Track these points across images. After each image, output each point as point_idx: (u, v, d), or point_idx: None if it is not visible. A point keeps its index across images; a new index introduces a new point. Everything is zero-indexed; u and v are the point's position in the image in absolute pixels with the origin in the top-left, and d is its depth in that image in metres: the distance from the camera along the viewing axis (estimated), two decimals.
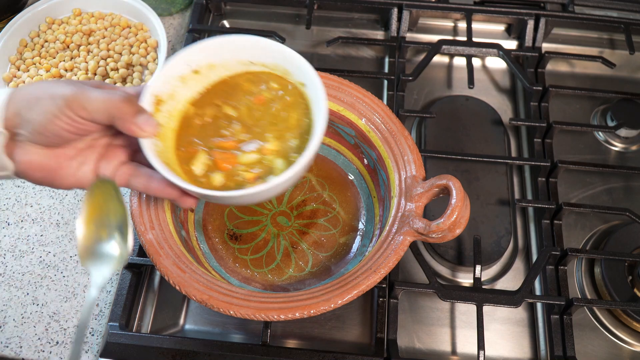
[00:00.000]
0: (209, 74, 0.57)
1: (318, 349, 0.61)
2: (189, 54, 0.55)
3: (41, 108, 0.45)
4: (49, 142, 0.47)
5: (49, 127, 0.46)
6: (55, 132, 0.46)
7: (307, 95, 0.55)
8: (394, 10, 0.86)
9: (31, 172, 0.48)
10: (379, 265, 0.54)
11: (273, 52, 0.55)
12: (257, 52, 0.56)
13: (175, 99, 0.55)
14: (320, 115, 0.52)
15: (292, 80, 0.56)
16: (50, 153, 0.48)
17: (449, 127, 0.79)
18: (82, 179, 0.50)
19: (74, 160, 0.50)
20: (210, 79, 0.57)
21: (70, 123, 0.46)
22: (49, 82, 0.47)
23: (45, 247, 0.70)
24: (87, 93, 0.46)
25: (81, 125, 0.47)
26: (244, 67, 0.57)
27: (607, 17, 0.87)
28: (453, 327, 0.67)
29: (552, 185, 0.74)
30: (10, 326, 0.65)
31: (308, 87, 0.55)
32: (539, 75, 0.83)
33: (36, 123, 0.45)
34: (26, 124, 0.46)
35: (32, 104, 0.45)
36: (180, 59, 0.54)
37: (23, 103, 0.46)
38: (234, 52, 0.56)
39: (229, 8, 0.91)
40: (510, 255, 0.72)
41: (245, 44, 0.56)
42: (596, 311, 0.68)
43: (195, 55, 0.55)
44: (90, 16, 0.86)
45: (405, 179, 0.60)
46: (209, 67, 0.56)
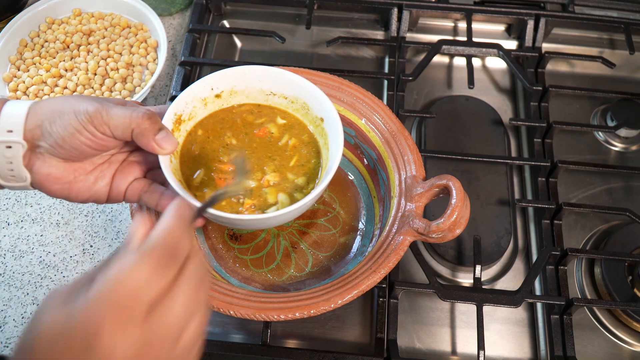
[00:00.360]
0: (230, 100, 0.59)
1: (318, 349, 0.61)
2: (214, 77, 0.57)
3: (64, 122, 0.46)
4: (68, 155, 0.48)
5: (70, 141, 0.46)
6: (75, 147, 0.47)
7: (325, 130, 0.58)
8: (394, 10, 0.86)
9: (48, 184, 0.48)
10: (379, 265, 0.54)
11: (295, 84, 0.58)
12: (280, 82, 0.58)
13: (193, 119, 0.58)
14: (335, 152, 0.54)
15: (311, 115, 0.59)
16: (69, 166, 0.49)
17: (449, 127, 0.79)
18: (98, 193, 0.51)
19: (91, 174, 0.51)
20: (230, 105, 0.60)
21: (91, 139, 0.47)
22: (73, 97, 0.48)
23: (45, 247, 0.70)
24: (110, 110, 0.47)
25: (102, 141, 0.48)
26: (264, 96, 0.60)
27: (607, 17, 0.87)
28: (453, 327, 0.67)
29: (552, 185, 0.74)
30: (10, 326, 0.65)
31: (326, 122, 0.58)
32: (539, 75, 0.83)
33: (58, 136, 0.46)
34: (48, 137, 0.46)
35: (55, 117, 0.46)
36: (206, 81, 0.57)
37: (46, 116, 0.46)
38: (257, 80, 0.59)
39: (229, 8, 0.91)
40: (510, 255, 0.72)
41: (269, 74, 0.58)
42: (596, 311, 0.68)
43: (220, 79, 0.57)
44: (90, 16, 0.86)
45: (405, 179, 0.60)
46: (231, 93, 0.59)
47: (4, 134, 0.46)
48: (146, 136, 0.48)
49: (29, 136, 0.47)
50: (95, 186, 0.51)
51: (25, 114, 0.46)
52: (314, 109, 0.58)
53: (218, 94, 0.58)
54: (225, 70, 0.57)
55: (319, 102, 0.57)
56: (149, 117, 0.48)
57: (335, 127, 0.55)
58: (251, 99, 0.60)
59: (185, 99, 0.56)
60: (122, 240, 0.70)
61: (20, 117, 0.46)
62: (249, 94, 0.60)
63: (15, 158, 0.46)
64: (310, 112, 0.59)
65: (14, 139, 0.46)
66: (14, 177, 0.47)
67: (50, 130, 0.46)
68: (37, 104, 0.48)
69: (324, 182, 0.53)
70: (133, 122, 0.47)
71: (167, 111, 0.54)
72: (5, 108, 0.47)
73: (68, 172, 0.49)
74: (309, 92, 0.58)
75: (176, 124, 0.55)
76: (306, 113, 0.60)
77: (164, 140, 0.49)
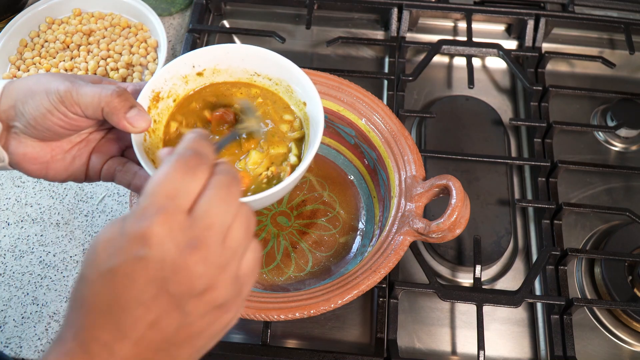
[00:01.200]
0: (212, 78, 0.57)
1: (318, 349, 0.61)
2: (196, 55, 0.55)
3: (35, 102, 0.45)
4: (42, 136, 0.47)
5: (42, 122, 0.46)
6: (48, 127, 0.46)
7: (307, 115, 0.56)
8: (394, 10, 0.86)
9: (25, 164, 0.48)
10: (379, 265, 0.54)
11: (280, 67, 0.56)
12: (264, 63, 0.56)
13: (172, 97, 0.55)
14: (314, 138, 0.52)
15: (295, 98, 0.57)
16: (45, 146, 0.48)
17: (449, 127, 0.79)
18: (76, 172, 0.50)
19: (68, 154, 0.50)
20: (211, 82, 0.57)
21: (63, 119, 0.46)
22: (46, 75, 0.47)
23: (45, 247, 0.70)
24: (80, 89, 0.45)
25: (74, 121, 0.47)
26: (248, 76, 0.58)
27: (607, 17, 0.87)
28: (453, 327, 0.67)
29: (552, 185, 0.74)
30: (10, 326, 0.65)
31: (308, 106, 0.55)
32: (539, 75, 0.83)
33: (30, 117, 0.45)
34: (21, 117, 0.46)
35: (27, 97, 0.45)
36: (186, 58, 0.54)
37: (19, 96, 0.46)
38: (240, 60, 0.56)
39: (229, 8, 0.91)
40: (510, 255, 0.72)
41: (254, 53, 0.56)
42: (596, 311, 0.68)
43: (202, 57, 0.55)
44: (90, 16, 0.86)
45: (405, 179, 0.60)
46: (213, 72, 0.57)
47: None
48: (116, 114, 0.46)
49: (3, 117, 0.46)
50: (73, 165, 0.50)
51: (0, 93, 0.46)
52: (297, 93, 0.56)
53: (200, 72, 0.56)
54: (208, 48, 0.55)
55: (302, 86, 0.55)
56: (119, 94, 0.46)
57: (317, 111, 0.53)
58: (234, 78, 0.58)
59: (164, 75, 0.53)
60: None
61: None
62: (233, 73, 0.57)
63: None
64: (293, 96, 0.57)
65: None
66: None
67: (23, 111, 0.45)
68: (11, 83, 0.47)
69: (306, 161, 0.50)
70: (102, 101, 0.45)
71: (144, 88, 0.51)
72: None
73: (45, 152, 0.48)
74: (293, 75, 0.56)
75: (153, 101, 0.53)
76: (290, 96, 0.57)
77: (136, 118, 0.47)
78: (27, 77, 0.48)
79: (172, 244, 0.33)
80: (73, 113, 0.46)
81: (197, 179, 0.35)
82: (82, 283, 0.34)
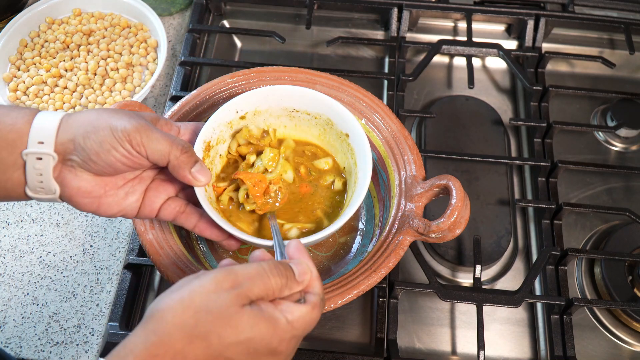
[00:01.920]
0: (254, 119, 0.61)
1: (318, 349, 0.61)
2: (238, 101, 0.59)
3: (99, 138, 0.46)
4: (101, 171, 0.48)
5: (104, 157, 0.46)
6: (110, 163, 0.47)
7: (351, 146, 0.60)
8: (394, 10, 0.86)
9: (78, 198, 0.48)
10: (379, 265, 0.54)
11: (317, 101, 0.60)
12: (302, 100, 0.60)
13: (220, 143, 0.60)
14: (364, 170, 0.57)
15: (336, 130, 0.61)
16: (100, 181, 0.49)
17: (449, 127, 0.79)
18: (127, 208, 0.51)
19: (122, 189, 0.51)
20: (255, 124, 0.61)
21: (127, 156, 0.47)
22: (107, 111, 0.48)
23: (45, 247, 0.70)
24: (150, 134, 0.47)
25: (137, 159, 0.48)
26: (287, 113, 0.62)
27: (607, 17, 0.87)
28: (453, 327, 0.67)
29: (552, 185, 0.74)
30: (10, 326, 0.65)
31: (351, 138, 0.60)
32: (539, 75, 0.83)
33: (92, 152, 0.46)
34: (80, 151, 0.46)
35: (89, 132, 0.46)
36: (230, 106, 0.58)
37: (79, 130, 0.46)
38: (279, 99, 0.60)
39: (229, 8, 0.91)
40: (510, 255, 0.72)
41: (292, 93, 0.60)
42: (596, 311, 0.68)
43: (244, 102, 0.59)
44: (90, 16, 0.86)
45: (405, 179, 0.60)
46: (255, 113, 0.61)
47: (34, 145, 0.45)
48: (183, 169, 0.49)
49: (60, 149, 0.46)
50: (125, 201, 0.51)
51: (57, 125, 0.46)
52: (338, 125, 0.60)
53: (242, 116, 0.60)
54: (249, 93, 0.59)
55: (342, 118, 0.59)
56: (187, 150, 0.49)
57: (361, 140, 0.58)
58: (274, 117, 0.62)
59: (212, 125, 0.57)
60: (122, 240, 0.71)
61: (52, 129, 0.46)
62: (272, 112, 0.61)
63: (45, 170, 0.46)
64: (334, 128, 0.61)
65: (44, 150, 0.45)
66: (42, 189, 0.47)
67: (84, 145, 0.46)
68: (70, 116, 0.47)
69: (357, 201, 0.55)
70: (171, 154, 0.48)
71: (197, 141, 0.55)
72: (36, 119, 0.46)
73: (99, 187, 0.49)
74: (332, 109, 0.60)
75: (206, 150, 0.57)
76: (330, 128, 0.62)
77: (200, 173, 0.50)
78: (86, 111, 0.48)
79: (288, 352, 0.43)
80: (137, 152, 0.47)
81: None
82: (202, 347, 0.38)
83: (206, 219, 0.54)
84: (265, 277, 0.41)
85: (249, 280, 0.41)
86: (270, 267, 0.42)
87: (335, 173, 0.63)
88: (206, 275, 0.41)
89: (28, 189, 0.47)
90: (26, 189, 0.47)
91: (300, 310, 0.42)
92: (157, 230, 0.57)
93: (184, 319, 0.39)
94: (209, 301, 0.39)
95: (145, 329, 0.39)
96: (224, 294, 0.40)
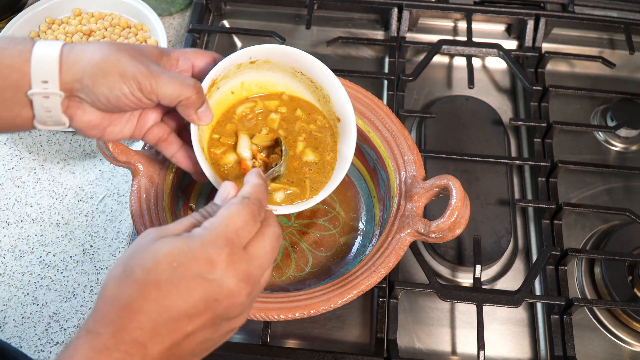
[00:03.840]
0: (261, 65, 0.60)
1: (318, 349, 0.61)
2: (255, 49, 0.58)
3: (108, 83, 0.46)
4: (109, 110, 0.48)
5: (114, 101, 0.47)
6: (119, 106, 0.48)
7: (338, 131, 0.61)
8: (394, 10, 0.86)
9: (87, 130, 0.50)
10: (379, 265, 0.54)
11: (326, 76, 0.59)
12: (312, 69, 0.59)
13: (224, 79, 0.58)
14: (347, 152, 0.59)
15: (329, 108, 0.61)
16: (107, 115, 0.50)
17: (449, 127, 0.79)
18: (125, 133, 0.53)
19: (124, 118, 0.52)
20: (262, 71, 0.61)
21: (136, 102, 0.48)
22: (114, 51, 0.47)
23: (45, 247, 0.70)
24: (159, 79, 0.47)
25: (146, 104, 0.48)
26: (293, 72, 0.61)
27: (607, 17, 0.87)
28: (453, 327, 0.67)
29: (552, 185, 0.74)
30: (10, 326, 0.65)
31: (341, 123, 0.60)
32: (539, 75, 0.83)
33: (101, 95, 0.46)
34: (89, 93, 0.46)
35: (97, 75, 0.46)
36: (246, 51, 0.57)
37: (86, 71, 0.46)
38: (292, 60, 0.60)
39: (229, 8, 0.91)
40: (510, 255, 0.72)
41: (306, 58, 0.59)
42: (596, 311, 0.68)
43: (258, 50, 0.58)
44: (90, 16, 0.86)
45: (405, 179, 0.60)
46: (265, 62, 0.59)
47: (39, 85, 0.45)
48: (191, 109, 0.50)
49: (66, 87, 0.46)
50: (126, 128, 0.52)
51: (58, 60, 0.45)
52: (334, 105, 0.60)
53: (253, 61, 0.59)
54: (268, 46, 0.58)
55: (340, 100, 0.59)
56: (198, 90, 0.49)
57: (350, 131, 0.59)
58: (280, 73, 0.61)
59: (224, 64, 0.56)
60: (122, 240, 0.71)
61: (53, 64, 0.45)
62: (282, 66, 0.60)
63: (53, 107, 0.46)
64: (329, 105, 0.61)
65: (50, 90, 0.45)
66: (52, 122, 0.48)
67: (92, 88, 0.46)
68: (71, 50, 0.46)
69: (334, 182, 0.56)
70: (182, 95, 0.48)
71: (206, 78, 0.54)
72: (34, 54, 0.45)
73: (106, 120, 0.50)
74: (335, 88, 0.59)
75: (210, 87, 0.56)
76: (325, 104, 0.61)
77: (204, 114, 0.51)
78: (89, 46, 0.47)
79: (233, 273, 0.39)
80: (148, 99, 0.47)
81: (257, 224, 0.42)
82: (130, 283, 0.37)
83: (185, 151, 0.55)
84: (190, 216, 0.42)
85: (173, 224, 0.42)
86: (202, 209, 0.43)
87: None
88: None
89: (37, 122, 0.48)
90: (35, 123, 0.48)
91: (217, 214, 0.41)
92: None
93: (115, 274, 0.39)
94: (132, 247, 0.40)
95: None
96: (145, 238, 0.40)
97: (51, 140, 0.78)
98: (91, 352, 0.36)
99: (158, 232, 0.40)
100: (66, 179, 0.75)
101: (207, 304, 0.38)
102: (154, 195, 0.59)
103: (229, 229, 0.40)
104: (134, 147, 0.77)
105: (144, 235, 0.40)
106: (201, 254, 0.38)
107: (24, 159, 0.77)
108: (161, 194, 0.59)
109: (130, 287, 0.37)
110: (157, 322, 0.37)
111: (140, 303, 0.37)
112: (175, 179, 0.61)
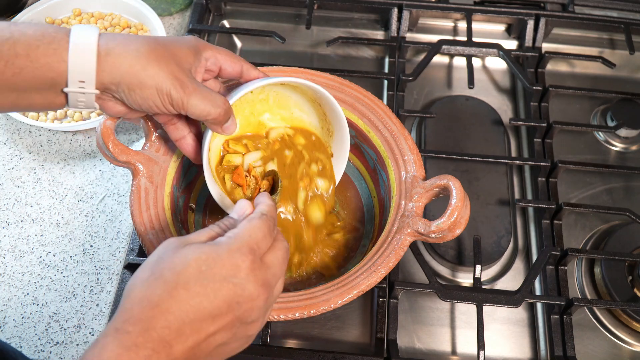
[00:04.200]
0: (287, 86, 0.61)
1: (318, 349, 0.61)
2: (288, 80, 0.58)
3: (144, 95, 0.49)
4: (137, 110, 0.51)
5: (145, 108, 0.50)
6: (148, 111, 0.51)
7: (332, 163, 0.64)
8: (394, 10, 0.86)
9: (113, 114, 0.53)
10: (379, 265, 0.54)
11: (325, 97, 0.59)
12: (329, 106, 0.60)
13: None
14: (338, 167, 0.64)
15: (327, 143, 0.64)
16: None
17: (449, 127, 0.79)
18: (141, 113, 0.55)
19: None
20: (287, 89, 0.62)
21: (165, 112, 0.51)
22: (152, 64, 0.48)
23: (45, 247, 0.70)
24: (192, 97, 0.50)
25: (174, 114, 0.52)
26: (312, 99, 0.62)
27: (607, 17, 0.87)
28: (453, 327, 0.67)
29: (552, 185, 0.74)
30: (10, 326, 0.65)
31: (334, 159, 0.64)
32: (539, 75, 0.83)
33: (134, 103, 0.49)
34: (123, 97, 0.49)
35: (134, 86, 0.48)
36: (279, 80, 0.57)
37: (124, 79, 0.48)
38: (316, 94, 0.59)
39: (229, 8, 0.91)
40: (510, 255, 0.72)
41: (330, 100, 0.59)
42: (596, 311, 0.68)
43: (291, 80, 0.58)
44: (90, 16, 0.86)
45: (405, 179, 0.60)
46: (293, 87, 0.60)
47: (75, 84, 0.47)
48: (217, 125, 0.53)
49: (101, 87, 0.48)
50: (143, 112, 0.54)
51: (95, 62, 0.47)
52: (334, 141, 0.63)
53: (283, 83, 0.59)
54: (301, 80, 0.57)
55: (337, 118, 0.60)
56: (227, 110, 0.52)
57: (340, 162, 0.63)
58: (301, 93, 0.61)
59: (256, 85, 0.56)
60: (122, 240, 0.71)
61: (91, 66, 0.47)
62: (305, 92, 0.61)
63: (88, 100, 0.49)
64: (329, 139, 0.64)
65: (87, 90, 0.48)
66: (84, 106, 0.50)
67: (128, 96, 0.49)
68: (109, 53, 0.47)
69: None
70: (210, 115, 0.51)
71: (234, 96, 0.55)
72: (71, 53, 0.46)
73: (132, 111, 0.52)
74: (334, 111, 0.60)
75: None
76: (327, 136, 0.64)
77: (228, 128, 0.54)
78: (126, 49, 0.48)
79: (254, 279, 0.42)
80: (177, 111, 0.51)
81: (272, 238, 0.46)
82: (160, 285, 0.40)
83: (190, 140, 0.57)
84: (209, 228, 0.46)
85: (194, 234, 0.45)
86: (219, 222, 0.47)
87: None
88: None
89: (69, 106, 0.50)
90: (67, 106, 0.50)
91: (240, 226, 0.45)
92: (157, 231, 0.57)
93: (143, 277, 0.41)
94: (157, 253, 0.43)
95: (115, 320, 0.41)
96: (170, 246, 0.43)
97: (51, 140, 0.78)
98: (120, 349, 0.37)
99: (181, 240, 0.44)
100: (66, 179, 0.75)
101: (229, 305, 0.41)
102: (153, 195, 0.59)
103: (252, 239, 0.44)
104: (134, 147, 0.77)
105: (166, 244, 0.43)
106: (228, 260, 0.42)
107: (24, 159, 0.77)
108: (161, 194, 0.59)
109: (160, 288, 0.40)
110: (183, 322, 0.39)
111: (170, 303, 0.39)
112: (175, 179, 0.61)
